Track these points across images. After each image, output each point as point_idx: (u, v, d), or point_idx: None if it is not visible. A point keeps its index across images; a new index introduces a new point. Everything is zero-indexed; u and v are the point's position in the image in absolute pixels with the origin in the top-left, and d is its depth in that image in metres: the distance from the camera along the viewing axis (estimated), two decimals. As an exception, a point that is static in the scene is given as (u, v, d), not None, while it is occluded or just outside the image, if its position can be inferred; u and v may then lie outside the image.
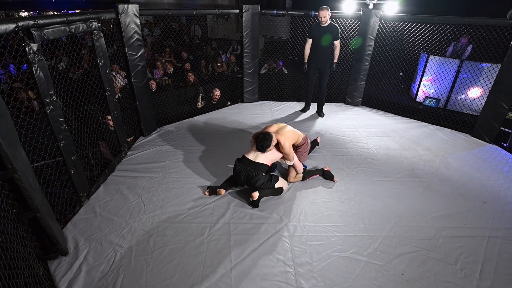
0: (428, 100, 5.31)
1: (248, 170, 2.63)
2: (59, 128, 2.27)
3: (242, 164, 2.68)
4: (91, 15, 2.68)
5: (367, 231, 2.37)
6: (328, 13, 4.04)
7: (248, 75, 4.97)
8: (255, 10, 4.56)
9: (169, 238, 2.29)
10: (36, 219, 1.87)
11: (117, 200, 2.71)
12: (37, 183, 1.90)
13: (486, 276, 1.98)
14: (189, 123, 4.42)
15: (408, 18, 4.26)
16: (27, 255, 1.74)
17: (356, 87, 5.01)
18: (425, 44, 4.34)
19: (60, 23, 2.27)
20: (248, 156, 2.68)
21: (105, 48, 2.91)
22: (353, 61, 4.87)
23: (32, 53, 2.00)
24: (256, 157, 2.65)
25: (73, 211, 2.52)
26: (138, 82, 3.62)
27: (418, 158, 3.44)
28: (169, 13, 4.01)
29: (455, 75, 4.97)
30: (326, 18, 4.05)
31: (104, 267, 2.05)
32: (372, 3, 4.45)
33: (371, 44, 4.63)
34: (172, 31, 6.14)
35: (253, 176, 2.61)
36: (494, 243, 2.25)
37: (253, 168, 2.63)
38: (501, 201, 2.73)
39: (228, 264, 2.07)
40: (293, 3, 9.72)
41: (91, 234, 2.33)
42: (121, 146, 3.36)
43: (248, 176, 2.63)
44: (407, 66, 5.00)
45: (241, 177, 2.67)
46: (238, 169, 2.68)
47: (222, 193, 2.76)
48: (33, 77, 2.02)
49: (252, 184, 2.63)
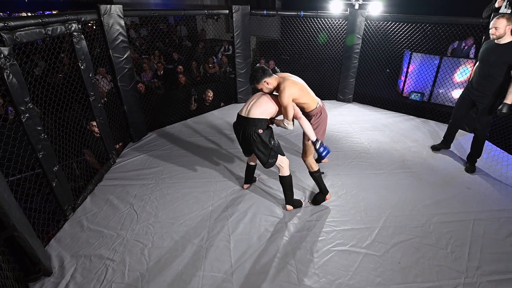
0: (414, 95, 5.59)
1: (242, 129, 2.22)
2: (37, 137, 2.11)
3: (237, 123, 2.29)
4: (70, 16, 2.53)
5: (364, 223, 2.43)
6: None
7: (241, 75, 4.91)
8: (245, 10, 4.51)
9: (165, 247, 2.20)
10: (13, 239, 1.71)
11: (107, 211, 2.57)
12: (14, 198, 1.74)
13: (474, 257, 2.12)
14: (182, 126, 4.29)
15: (391, 17, 4.46)
16: (4, 279, 1.58)
17: (347, 84, 5.11)
18: (408, 42, 4.51)
19: (35, 24, 2.12)
20: (240, 113, 2.25)
21: (86, 51, 2.75)
22: (343, 59, 4.98)
23: (2, 58, 1.84)
24: (248, 111, 2.21)
25: (57, 226, 2.36)
26: (125, 85, 3.46)
27: (407, 150, 3.59)
28: (156, 13, 3.87)
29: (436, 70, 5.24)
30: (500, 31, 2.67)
31: (94, 284, 1.92)
32: (357, 3, 4.59)
33: (359, 42, 4.77)
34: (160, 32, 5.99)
35: (249, 135, 2.18)
36: (479, 225, 2.40)
37: (247, 124, 2.19)
38: (482, 186, 2.91)
39: (228, 268, 2.02)
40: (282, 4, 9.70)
41: (78, 250, 2.18)
42: (109, 154, 3.20)
43: (245, 137, 2.22)
44: (393, 63, 5.22)
45: (240, 139, 2.32)
46: (235, 129, 2.31)
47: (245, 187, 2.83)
48: (5, 84, 1.86)
49: (249, 144, 2.23)
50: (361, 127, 4.20)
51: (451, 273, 1.98)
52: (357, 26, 4.63)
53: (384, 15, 4.52)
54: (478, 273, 1.98)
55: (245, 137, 2.23)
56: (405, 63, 5.76)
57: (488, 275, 1.97)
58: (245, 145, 2.34)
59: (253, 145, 2.22)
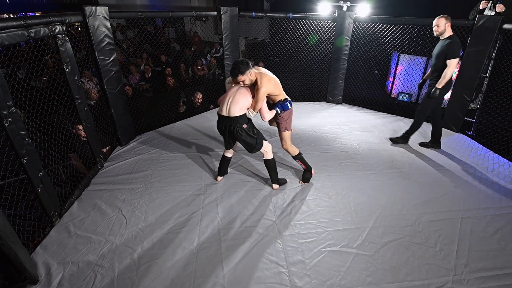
0: (402, 95, 5.68)
1: (228, 127, 2.44)
2: (21, 142, 2.04)
3: (220, 123, 2.49)
4: (54, 18, 2.47)
5: (355, 223, 2.45)
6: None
7: (229, 77, 4.86)
8: (233, 12, 4.51)
9: (155, 251, 2.17)
10: (-4, 247, 1.65)
11: (94, 217, 2.51)
12: (-4, 206, 1.69)
13: (462, 255, 2.16)
14: (171, 128, 4.25)
15: (379, 19, 4.53)
16: (-14, 289, 1.52)
17: (336, 85, 5.17)
18: (395, 43, 4.59)
19: (17, 26, 2.06)
20: (221, 113, 2.43)
21: (71, 53, 2.69)
22: (332, 60, 5.03)
23: (-17, 60, 1.78)
24: (229, 111, 2.38)
25: (43, 233, 2.29)
26: (111, 88, 3.40)
27: (396, 150, 3.64)
28: (143, 15, 3.82)
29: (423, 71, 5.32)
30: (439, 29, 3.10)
31: (82, 291, 1.86)
32: (345, 5, 4.66)
33: (347, 44, 4.83)
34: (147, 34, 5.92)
35: (235, 132, 2.43)
36: (466, 223, 2.45)
37: (230, 123, 2.41)
38: (469, 184, 2.97)
39: (220, 271, 2.01)
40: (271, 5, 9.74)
41: (66, 256, 2.13)
42: (96, 158, 3.14)
43: (231, 134, 2.47)
44: (381, 64, 5.31)
45: (226, 137, 2.55)
46: (219, 127, 2.52)
47: (219, 180, 2.94)
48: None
49: (240, 140, 2.51)
50: (350, 128, 4.25)
51: (440, 271, 2.02)
52: (346, 28, 4.70)
53: (371, 17, 4.59)
54: (466, 270, 2.02)
55: (231, 134, 2.47)
56: (393, 64, 5.86)
57: (476, 272, 2.01)
58: (231, 140, 2.58)
59: (240, 139, 2.49)
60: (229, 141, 2.60)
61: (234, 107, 2.36)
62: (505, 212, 2.57)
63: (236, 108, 2.36)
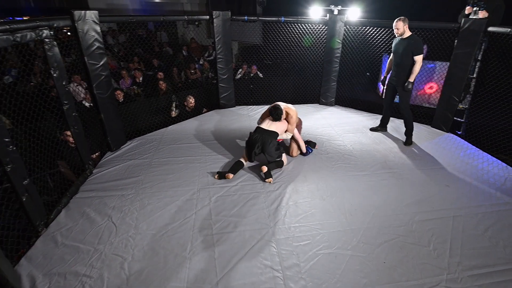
0: None
1: (264, 137, 3.10)
2: (5, 150, 1.98)
3: (257, 133, 3.16)
4: (41, 22, 2.43)
5: (349, 225, 2.45)
6: None
7: (223, 81, 4.88)
8: (225, 16, 4.51)
9: (147, 259, 2.11)
10: (-23, 259, 1.58)
11: (83, 225, 2.44)
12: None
13: (455, 253, 2.17)
14: (163, 133, 4.19)
15: (369, 22, 4.61)
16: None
17: (329, 87, 5.22)
18: (386, 46, 4.66)
19: (2, 31, 2.02)
20: (262, 126, 3.21)
21: (59, 58, 2.64)
22: (324, 63, 5.08)
23: (-36, 65, 1.72)
24: (269, 127, 3.18)
25: (28, 244, 2.21)
26: (101, 93, 3.34)
27: (388, 151, 3.69)
28: (134, 19, 3.78)
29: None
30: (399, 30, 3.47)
31: (69, 304, 1.79)
32: (336, 9, 4.73)
33: (339, 47, 4.90)
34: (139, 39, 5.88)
35: (268, 142, 3.09)
36: (458, 221, 2.48)
37: (268, 135, 3.12)
38: (460, 183, 3.02)
39: (213, 278, 1.97)
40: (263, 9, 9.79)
41: (52, 267, 2.05)
42: (85, 164, 3.07)
43: (264, 142, 3.09)
44: (373, 66, 5.37)
45: (256, 145, 3.09)
46: (254, 137, 3.12)
47: (230, 177, 3.02)
48: (-33, 93, 1.74)
49: (267, 148, 3.08)
50: (343, 130, 4.28)
51: (434, 270, 2.03)
52: (337, 31, 4.76)
53: (362, 20, 4.66)
54: (460, 269, 2.04)
55: (264, 142, 3.09)
56: (384, 67, 5.93)
57: (469, 270, 2.03)
58: (260, 149, 3.12)
59: (268, 148, 3.09)
60: (255, 152, 3.11)
61: (273, 126, 3.20)
62: (496, 210, 2.60)
63: (274, 127, 3.19)
